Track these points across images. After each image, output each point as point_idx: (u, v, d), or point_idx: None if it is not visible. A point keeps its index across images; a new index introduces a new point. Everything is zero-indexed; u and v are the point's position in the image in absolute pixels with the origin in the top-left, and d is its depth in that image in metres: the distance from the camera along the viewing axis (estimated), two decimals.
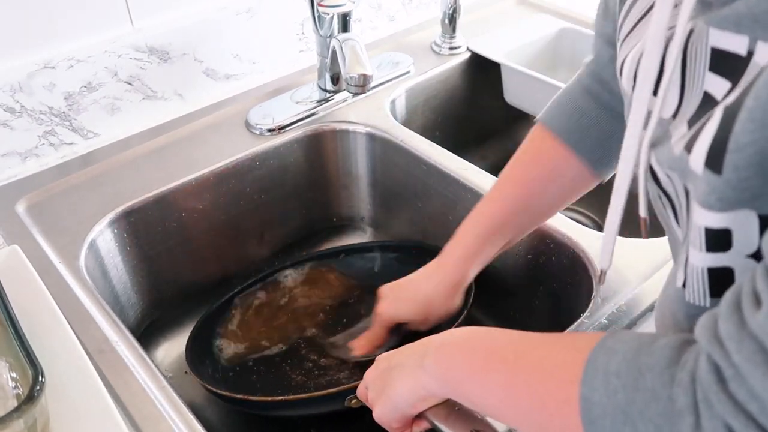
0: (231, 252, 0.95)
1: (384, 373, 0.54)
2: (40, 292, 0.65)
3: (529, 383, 0.42)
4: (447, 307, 0.72)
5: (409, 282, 0.74)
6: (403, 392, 0.51)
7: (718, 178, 0.32)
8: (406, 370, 0.51)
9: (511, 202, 0.69)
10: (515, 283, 0.87)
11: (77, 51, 0.86)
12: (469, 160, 0.90)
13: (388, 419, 0.54)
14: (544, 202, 0.69)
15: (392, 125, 0.97)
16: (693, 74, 0.37)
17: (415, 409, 0.52)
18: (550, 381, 0.41)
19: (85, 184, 0.85)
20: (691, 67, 0.37)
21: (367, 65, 0.80)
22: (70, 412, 0.55)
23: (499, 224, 0.69)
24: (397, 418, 0.53)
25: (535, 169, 0.68)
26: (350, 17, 0.88)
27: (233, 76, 1.02)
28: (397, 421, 0.54)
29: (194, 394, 0.84)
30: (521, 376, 0.43)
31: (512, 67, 1.07)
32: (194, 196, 0.88)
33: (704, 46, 0.35)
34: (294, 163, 0.97)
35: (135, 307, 0.88)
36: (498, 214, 0.69)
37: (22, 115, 0.84)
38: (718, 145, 0.32)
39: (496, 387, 0.45)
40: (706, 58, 0.35)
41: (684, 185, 0.38)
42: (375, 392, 0.55)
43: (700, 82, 0.36)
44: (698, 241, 0.37)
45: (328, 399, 0.66)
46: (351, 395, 0.62)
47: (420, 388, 0.50)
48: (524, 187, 0.68)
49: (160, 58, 0.93)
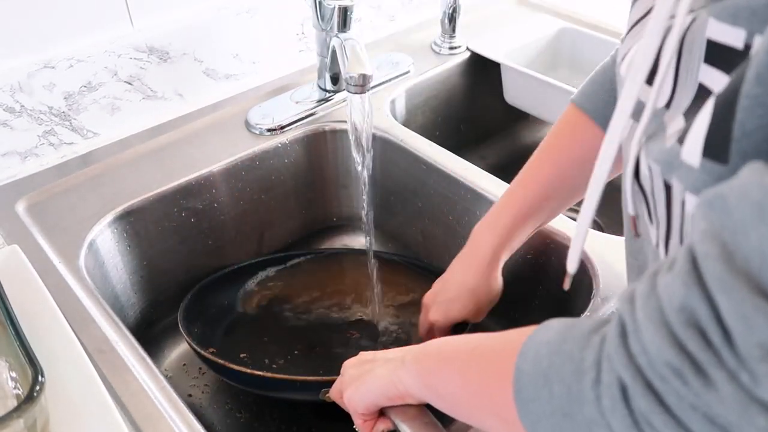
0: (231, 252, 0.95)
1: (365, 363, 0.56)
2: (40, 292, 0.65)
3: (479, 364, 0.44)
4: (493, 292, 0.72)
5: (449, 282, 0.73)
6: (380, 382, 0.52)
7: (724, 168, 0.32)
8: (389, 363, 0.53)
9: (543, 187, 0.68)
10: (515, 283, 0.87)
11: (77, 51, 0.86)
12: (469, 160, 0.90)
13: (356, 403, 0.55)
14: (578, 183, 0.67)
15: (392, 125, 0.97)
16: (687, 65, 0.36)
17: (388, 401, 0.53)
18: (495, 358, 0.42)
19: (85, 184, 0.85)
20: (686, 57, 0.36)
21: (367, 65, 0.80)
22: (70, 412, 0.55)
23: (532, 209, 0.68)
24: (367, 404, 0.54)
25: (568, 152, 0.67)
26: (351, 12, 0.88)
27: (233, 76, 1.02)
28: (365, 407, 0.54)
29: (194, 393, 0.84)
30: (475, 359, 0.45)
31: (512, 67, 1.07)
32: (194, 196, 0.88)
33: (701, 37, 0.35)
34: (294, 163, 0.97)
35: (135, 307, 0.88)
36: (530, 199, 0.68)
37: (22, 114, 0.84)
38: (716, 134, 0.32)
39: (454, 374, 0.46)
40: (702, 49, 0.35)
41: (665, 180, 0.37)
42: (350, 377, 0.56)
43: (694, 74, 0.36)
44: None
45: (304, 386, 0.67)
46: (326, 388, 0.63)
47: (397, 381, 0.51)
48: (558, 170, 0.67)
49: (160, 58, 0.93)
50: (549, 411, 0.36)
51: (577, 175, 0.67)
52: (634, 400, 0.31)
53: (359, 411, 0.55)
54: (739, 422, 0.27)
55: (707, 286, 0.28)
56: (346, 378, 0.57)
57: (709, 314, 0.28)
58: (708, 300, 0.28)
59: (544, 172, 0.68)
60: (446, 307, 0.72)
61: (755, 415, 0.27)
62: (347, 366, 0.58)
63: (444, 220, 0.92)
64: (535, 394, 0.37)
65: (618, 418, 0.32)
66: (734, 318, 0.27)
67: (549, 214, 0.71)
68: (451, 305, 0.72)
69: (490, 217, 0.71)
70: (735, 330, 0.27)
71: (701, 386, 0.28)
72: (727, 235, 0.28)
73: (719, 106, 0.32)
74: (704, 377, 0.28)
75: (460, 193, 0.88)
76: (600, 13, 1.21)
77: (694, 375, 0.28)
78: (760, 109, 0.30)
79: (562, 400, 0.35)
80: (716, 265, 0.27)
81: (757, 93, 0.30)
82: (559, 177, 0.67)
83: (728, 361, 0.27)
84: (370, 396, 0.53)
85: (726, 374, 0.27)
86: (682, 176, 0.35)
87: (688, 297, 0.28)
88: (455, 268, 0.73)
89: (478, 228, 0.71)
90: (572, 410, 0.34)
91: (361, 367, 0.56)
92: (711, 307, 0.28)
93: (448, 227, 0.92)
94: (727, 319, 0.27)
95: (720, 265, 0.27)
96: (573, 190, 0.68)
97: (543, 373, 0.36)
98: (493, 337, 0.45)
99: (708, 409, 0.28)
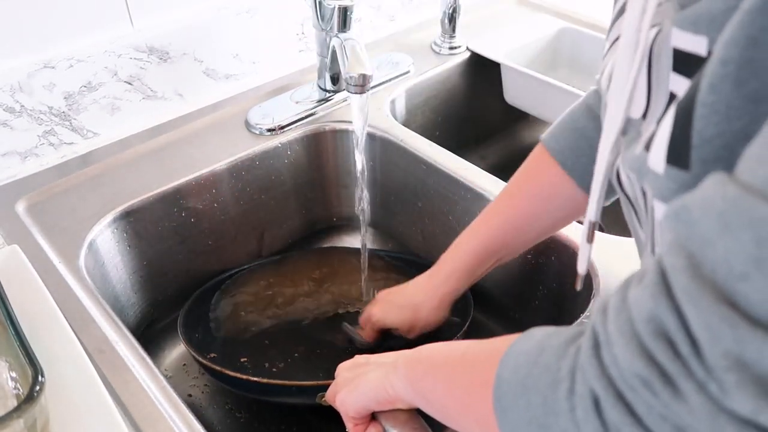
0: (231, 252, 0.95)
1: (359, 367, 0.56)
2: (40, 292, 0.65)
3: (465, 371, 0.44)
4: (433, 318, 0.75)
5: (402, 290, 0.77)
6: (372, 386, 0.53)
7: (687, 174, 0.32)
8: (382, 367, 0.53)
9: (504, 224, 0.70)
10: (515, 283, 0.87)
11: (77, 51, 0.86)
12: (469, 160, 0.90)
13: (348, 406, 0.55)
14: (537, 225, 0.70)
15: (392, 125, 0.97)
16: (657, 75, 0.37)
17: (379, 406, 0.53)
18: (479, 366, 0.42)
19: (85, 184, 0.85)
20: (656, 67, 0.37)
21: (367, 65, 0.80)
22: (70, 412, 0.55)
23: (492, 244, 0.71)
24: (358, 408, 0.54)
25: (530, 188, 0.69)
26: (351, 12, 0.88)
27: (233, 76, 1.02)
28: (356, 411, 0.54)
29: (194, 393, 0.84)
30: (461, 366, 0.45)
31: (512, 67, 1.07)
32: (194, 196, 0.88)
33: (667, 47, 0.35)
34: (294, 163, 0.97)
35: (135, 307, 0.88)
36: (492, 236, 0.71)
37: (22, 114, 0.84)
38: (677, 141, 0.32)
39: (441, 380, 0.46)
40: (669, 58, 0.35)
41: (641, 186, 0.38)
42: (344, 380, 0.56)
43: (665, 83, 0.36)
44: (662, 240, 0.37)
45: (301, 391, 0.68)
46: (323, 392, 0.63)
47: (388, 385, 0.51)
48: (518, 208, 0.69)
49: (160, 58, 0.93)
50: (526, 420, 0.36)
51: (535, 214, 0.68)
52: (606, 411, 0.31)
53: (350, 414, 0.55)
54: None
55: (675, 298, 0.28)
56: (339, 381, 0.57)
57: (678, 325, 0.28)
58: (676, 311, 0.28)
59: (509, 210, 0.70)
60: (389, 308, 0.77)
61: (724, 425, 0.27)
62: (341, 369, 0.59)
63: (444, 220, 0.92)
64: (514, 403, 0.37)
65: (591, 429, 0.32)
66: (701, 328, 0.27)
67: (510, 251, 0.72)
68: (392, 309, 0.76)
69: (453, 249, 0.73)
70: (702, 340, 0.27)
71: (670, 397, 0.28)
72: (693, 246, 0.28)
73: (679, 113, 0.32)
74: (673, 388, 0.28)
75: (460, 193, 0.88)
76: (600, 13, 1.21)
77: (663, 386, 0.28)
78: (715, 116, 0.30)
79: (538, 410, 0.35)
80: (683, 277, 0.27)
81: (712, 101, 0.30)
82: (519, 216, 0.69)
83: (696, 371, 0.27)
84: (361, 400, 0.54)
85: (694, 385, 0.27)
86: (650, 183, 0.35)
87: (656, 308, 0.29)
88: (416, 281, 0.76)
89: (444, 256, 0.74)
90: (548, 421, 0.34)
91: (355, 370, 0.56)
92: (679, 318, 0.28)
93: (448, 227, 0.92)
94: (695, 330, 0.27)
95: (686, 277, 0.27)
96: (532, 230, 0.70)
97: (521, 382, 0.37)
98: (481, 344, 0.45)
99: (678, 420, 0.28)
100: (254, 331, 0.86)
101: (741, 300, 0.26)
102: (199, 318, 0.85)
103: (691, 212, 0.28)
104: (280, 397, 0.75)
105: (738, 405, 0.26)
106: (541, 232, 0.71)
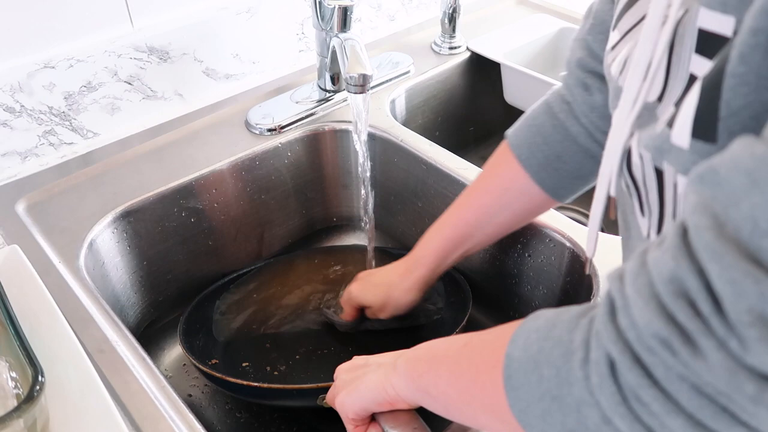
0: (231, 252, 0.96)
1: (358, 368, 0.56)
2: (40, 292, 0.65)
3: (470, 358, 0.44)
4: (404, 299, 0.78)
5: (379, 271, 0.81)
6: (371, 385, 0.53)
7: (713, 147, 0.32)
8: (382, 368, 0.53)
9: (467, 217, 0.73)
10: (515, 283, 0.87)
11: (77, 51, 0.86)
12: (469, 160, 0.90)
13: (347, 408, 0.55)
14: (497, 218, 0.72)
15: (392, 125, 0.97)
16: (679, 57, 0.37)
17: (378, 407, 0.53)
18: (486, 351, 0.42)
19: (85, 184, 0.85)
20: (678, 49, 0.37)
21: (367, 65, 0.80)
22: (70, 412, 0.55)
23: (456, 236, 0.74)
24: (357, 410, 0.54)
25: (489, 182, 0.72)
26: (351, 12, 0.88)
27: (233, 76, 1.02)
28: (356, 413, 0.54)
29: (194, 393, 0.84)
30: (465, 356, 0.45)
31: (512, 67, 1.07)
32: (194, 196, 0.88)
33: (693, 28, 0.35)
34: (294, 163, 0.97)
35: (135, 307, 0.88)
36: (456, 227, 0.74)
37: (22, 114, 0.84)
38: (704, 114, 0.32)
39: (444, 372, 0.46)
40: (693, 39, 0.35)
41: (655, 166, 0.38)
42: (343, 381, 0.56)
43: (686, 64, 0.36)
44: None
45: (301, 394, 0.68)
46: (323, 394, 0.63)
47: (389, 386, 0.51)
48: (479, 201, 0.72)
49: (160, 58, 0.93)
50: (538, 395, 0.36)
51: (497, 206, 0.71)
52: (622, 374, 0.31)
53: (350, 416, 0.55)
54: (727, 390, 0.28)
55: (697, 257, 0.28)
56: (338, 383, 0.57)
57: (699, 284, 0.28)
58: (698, 270, 0.28)
59: (472, 203, 0.73)
60: (365, 286, 0.81)
61: (744, 382, 0.27)
62: (340, 371, 0.58)
63: None
64: (525, 380, 0.37)
65: (606, 395, 0.32)
66: (724, 284, 0.27)
67: (479, 242, 0.75)
68: (368, 287, 0.80)
69: (424, 238, 0.77)
70: (725, 296, 0.27)
71: (690, 355, 0.28)
72: (717, 205, 0.28)
73: (706, 87, 0.32)
74: (693, 346, 0.28)
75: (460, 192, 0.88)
76: None
77: (682, 344, 0.28)
78: (744, 87, 0.30)
79: (551, 382, 0.35)
80: (706, 235, 0.28)
81: (742, 72, 0.30)
82: (481, 208, 0.72)
83: (717, 329, 0.27)
84: (360, 402, 0.54)
85: (715, 342, 0.27)
86: (673, 159, 0.35)
87: (677, 268, 0.29)
88: (393, 264, 0.80)
89: (417, 244, 0.78)
90: (561, 392, 0.34)
91: (354, 372, 0.56)
92: (701, 277, 0.28)
93: None
94: (717, 287, 0.27)
95: (710, 235, 0.27)
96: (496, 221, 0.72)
97: (532, 358, 0.37)
98: (484, 333, 0.45)
99: (696, 379, 0.29)
100: (255, 335, 0.86)
101: (765, 256, 0.26)
102: (200, 324, 0.85)
103: (718, 172, 0.28)
104: (282, 401, 0.75)
105: (759, 360, 0.26)
106: (503, 224, 0.73)
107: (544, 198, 0.69)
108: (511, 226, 0.74)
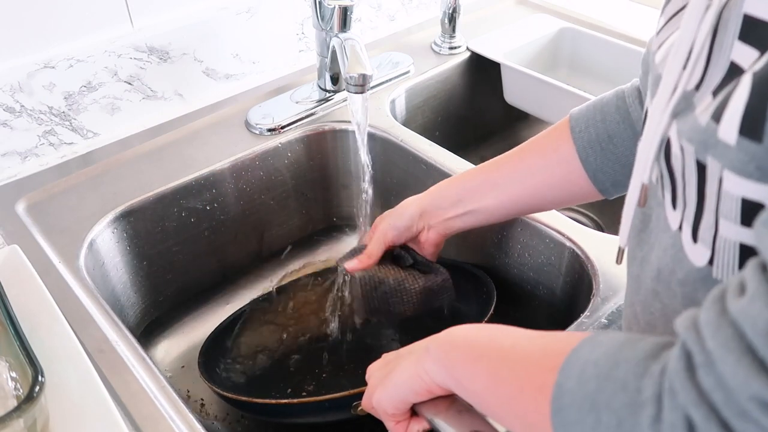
0: (231, 252, 0.95)
1: (390, 363, 0.54)
2: (40, 292, 0.65)
3: (513, 370, 0.42)
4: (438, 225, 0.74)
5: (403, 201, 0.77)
6: (406, 376, 0.51)
7: (759, 147, 0.31)
8: (413, 356, 0.51)
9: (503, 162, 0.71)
10: (515, 283, 0.87)
11: (77, 51, 0.86)
12: (469, 160, 0.90)
13: (385, 405, 0.53)
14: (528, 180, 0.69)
15: (392, 125, 0.97)
16: (721, 44, 0.35)
17: (416, 396, 0.51)
18: (532, 368, 0.40)
19: (84, 184, 0.85)
20: (721, 36, 0.35)
21: (367, 65, 0.80)
22: (70, 412, 0.55)
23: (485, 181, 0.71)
24: (396, 403, 0.52)
25: (535, 142, 0.69)
26: (351, 12, 0.88)
27: (233, 76, 1.02)
28: (395, 407, 0.52)
29: (194, 393, 0.84)
30: (507, 363, 0.43)
31: (512, 67, 1.07)
32: (194, 196, 0.88)
33: (738, 13, 0.34)
34: (294, 163, 0.97)
35: (135, 307, 0.88)
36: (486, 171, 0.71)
37: (22, 114, 0.84)
38: (753, 112, 0.31)
39: (483, 373, 0.45)
40: (737, 25, 0.34)
41: (697, 159, 0.36)
42: (377, 379, 0.54)
43: (727, 52, 0.35)
44: (733, 214, 0.35)
45: (334, 405, 0.65)
46: (357, 401, 0.61)
47: (423, 372, 0.49)
48: (520, 155, 0.70)
49: (160, 58, 0.93)
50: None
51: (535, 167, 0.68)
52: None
53: (389, 412, 0.53)
54: None
55: None
56: (372, 382, 0.55)
57: None
58: None
59: (513, 157, 0.71)
60: (391, 219, 0.76)
61: None
62: (372, 370, 0.57)
63: None
64: (578, 418, 0.34)
65: None
66: None
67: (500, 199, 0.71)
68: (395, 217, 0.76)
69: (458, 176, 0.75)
70: None
71: None
72: None
73: (757, 83, 0.31)
74: None
75: None
76: (600, 13, 1.21)
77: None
78: None
79: (610, 430, 0.33)
80: None
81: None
82: (523, 163, 0.69)
83: None
84: (397, 394, 0.52)
85: None
86: (719, 154, 0.34)
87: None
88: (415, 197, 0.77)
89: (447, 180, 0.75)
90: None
91: (386, 367, 0.54)
92: None
93: None
94: None
95: None
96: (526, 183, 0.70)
97: (589, 397, 0.34)
98: (528, 340, 0.43)
99: None
100: (277, 359, 0.83)
101: None
102: (219, 356, 0.82)
103: None
104: (315, 417, 0.72)
105: None
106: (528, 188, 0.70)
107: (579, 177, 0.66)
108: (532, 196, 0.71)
